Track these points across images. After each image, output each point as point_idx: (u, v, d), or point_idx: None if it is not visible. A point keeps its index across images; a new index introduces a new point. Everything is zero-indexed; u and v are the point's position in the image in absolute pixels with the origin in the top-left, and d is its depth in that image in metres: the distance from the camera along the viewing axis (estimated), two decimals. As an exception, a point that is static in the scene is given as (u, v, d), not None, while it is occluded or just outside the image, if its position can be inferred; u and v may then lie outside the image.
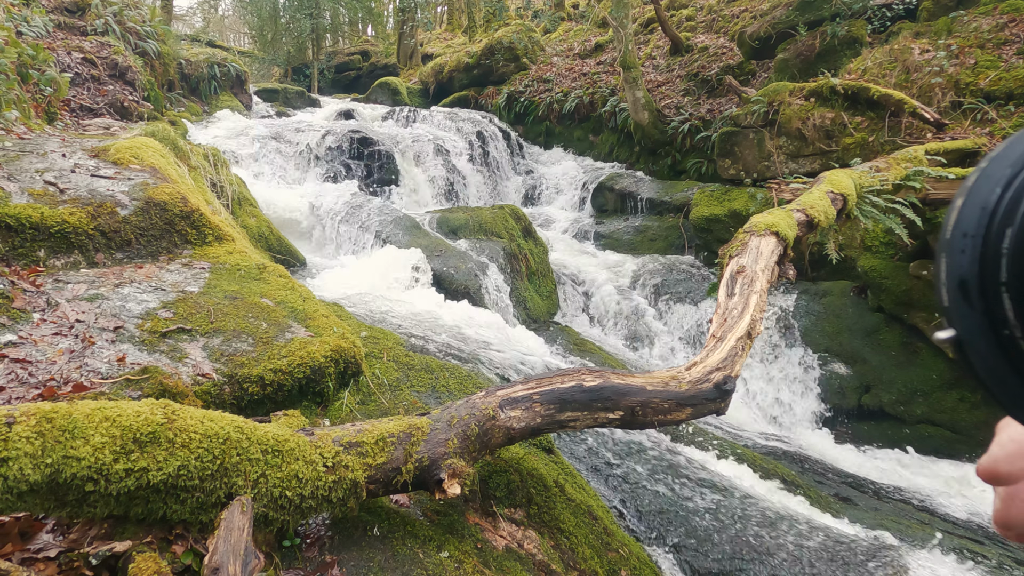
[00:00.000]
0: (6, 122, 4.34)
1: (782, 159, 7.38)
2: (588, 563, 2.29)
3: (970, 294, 0.29)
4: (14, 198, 2.98)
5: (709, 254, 7.67)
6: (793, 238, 3.38)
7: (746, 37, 9.74)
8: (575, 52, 13.70)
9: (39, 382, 2.00)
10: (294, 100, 13.09)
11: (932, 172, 4.71)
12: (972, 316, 0.29)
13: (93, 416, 1.48)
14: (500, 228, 7.01)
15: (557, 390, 2.18)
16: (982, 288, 0.28)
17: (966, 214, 0.29)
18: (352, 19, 25.55)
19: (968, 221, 0.29)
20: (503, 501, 2.32)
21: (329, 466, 1.77)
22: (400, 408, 2.67)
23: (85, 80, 7.03)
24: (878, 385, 5.55)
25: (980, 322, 0.28)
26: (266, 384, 2.35)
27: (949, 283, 0.30)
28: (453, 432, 1.98)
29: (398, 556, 1.84)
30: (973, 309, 0.29)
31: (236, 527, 1.53)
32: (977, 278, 0.28)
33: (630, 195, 9.40)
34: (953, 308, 0.30)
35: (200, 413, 1.65)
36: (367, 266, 5.81)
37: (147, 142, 4.14)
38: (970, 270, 0.29)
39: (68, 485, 1.41)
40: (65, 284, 2.70)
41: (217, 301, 2.77)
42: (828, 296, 6.33)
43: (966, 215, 0.29)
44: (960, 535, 3.66)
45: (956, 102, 6.46)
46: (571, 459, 3.24)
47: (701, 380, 2.41)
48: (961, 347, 0.30)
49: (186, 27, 26.72)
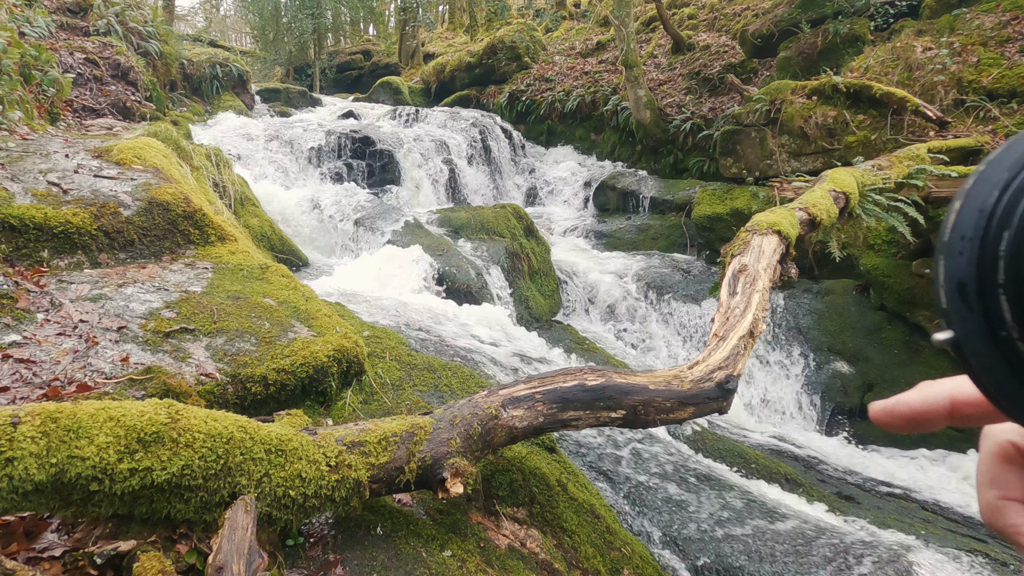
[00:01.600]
0: (9, 123, 4.35)
1: (784, 157, 7.37)
2: (591, 562, 2.30)
3: (968, 296, 0.29)
4: (18, 199, 2.99)
5: (711, 253, 7.67)
6: (795, 236, 3.38)
7: (748, 35, 9.73)
8: (577, 51, 13.69)
9: (43, 382, 2.00)
10: (296, 100, 13.10)
11: (935, 170, 4.70)
12: (970, 318, 0.29)
13: (97, 416, 1.48)
14: (502, 227, 7.01)
15: (559, 389, 2.18)
16: (980, 290, 0.29)
17: (964, 217, 0.30)
18: (354, 18, 25.56)
19: (966, 224, 0.29)
20: (506, 500, 2.33)
21: (332, 465, 1.78)
22: (403, 407, 2.68)
23: (88, 80, 7.05)
24: (881, 384, 5.54)
25: (978, 324, 0.29)
26: (269, 384, 2.35)
27: (947, 285, 0.30)
28: (456, 431, 1.99)
29: (401, 555, 1.85)
30: (971, 311, 0.29)
31: (240, 526, 1.53)
32: (975, 280, 0.29)
33: (632, 194, 9.39)
34: (951, 310, 0.30)
35: (204, 413, 1.66)
36: (369, 266, 5.81)
37: (150, 142, 4.15)
38: (968, 272, 0.29)
39: (73, 485, 1.42)
40: (69, 284, 2.71)
41: (220, 301, 2.78)
42: (830, 294, 6.32)
43: (964, 218, 0.30)
44: (963, 533, 3.65)
45: (959, 100, 6.44)
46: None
47: (703, 379, 2.41)
48: (959, 348, 0.30)
49: (188, 27, 26.75)
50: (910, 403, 0.39)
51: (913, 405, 0.38)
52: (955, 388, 0.37)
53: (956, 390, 0.37)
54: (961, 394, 0.37)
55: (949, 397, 0.37)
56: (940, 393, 0.38)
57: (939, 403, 0.38)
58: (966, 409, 0.37)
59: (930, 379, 0.40)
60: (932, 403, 0.38)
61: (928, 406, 0.38)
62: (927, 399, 0.38)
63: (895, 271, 5.64)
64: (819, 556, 2.90)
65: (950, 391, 0.38)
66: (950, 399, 0.37)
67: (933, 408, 0.38)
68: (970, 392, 0.36)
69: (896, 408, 0.39)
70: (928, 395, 0.38)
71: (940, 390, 0.38)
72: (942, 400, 0.38)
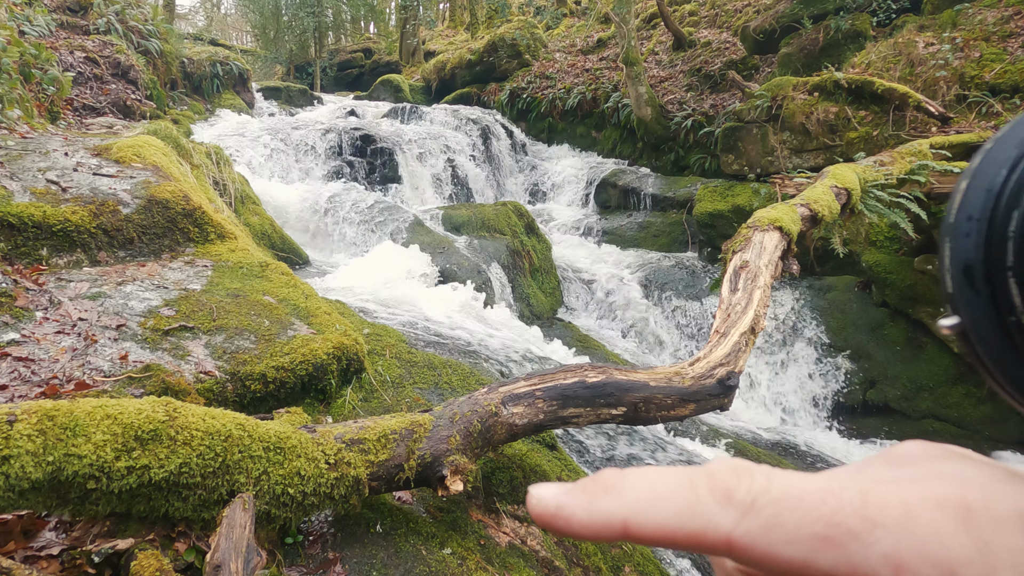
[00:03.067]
0: (9, 121, 4.35)
1: (786, 154, 7.35)
2: (592, 559, 2.29)
3: (975, 280, 0.28)
4: (17, 197, 2.98)
5: (712, 250, 7.65)
6: (797, 233, 3.36)
7: (750, 31, 9.69)
8: (577, 48, 13.66)
9: (42, 380, 2.00)
10: (297, 98, 13.08)
11: (937, 166, 4.68)
12: (977, 302, 0.28)
13: (95, 414, 1.48)
14: (503, 225, 7.00)
15: (560, 386, 2.17)
16: (987, 273, 0.27)
17: (971, 196, 0.28)
18: (354, 16, 25.53)
19: (973, 204, 0.28)
20: (506, 498, 2.32)
21: (331, 463, 1.77)
22: (402, 405, 2.67)
23: (88, 79, 7.04)
24: (883, 380, 5.52)
25: (986, 308, 0.27)
26: (268, 381, 2.35)
27: (953, 269, 0.28)
28: (455, 429, 1.98)
29: (401, 553, 1.84)
30: (978, 295, 0.28)
31: (238, 524, 1.53)
32: (982, 263, 0.27)
33: (633, 191, 9.37)
34: (958, 294, 0.28)
35: (202, 411, 1.65)
36: (370, 263, 5.80)
37: (149, 140, 4.14)
38: (975, 255, 0.28)
39: (70, 483, 1.41)
40: (68, 282, 2.70)
41: (219, 299, 2.77)
42: (833, 291, 6.30)
43: (971, 197, 0.28)
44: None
45: (961, 95, 6.41)
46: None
47: (704, 376, 2.40)
48: (966, 335, 0.29)
49: (188, 25, 26.72)
50: (572, 515, 0.26)
51: (576, 519, 0.26)
52: (637, 507, 0.25)
53: (637, 510, 0.25)
54: (644, 517, 0.25)
55: (623, 521, 0.25)
56: (612, 511, 0.25)
57: (609, 523, 0.25)
58: (646, 534, 0.25)
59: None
60: (598, 521, 0.25)
61: (592, 524, 0.26)
62: (593, 514, 0.25)
63: (897, 267, 5.62)
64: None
65: (627, 512, 0.25)
66: (624, 523, 0.25)
67: (597, 527, 0.26)
68: (658, 516, 0.25)
69: (558, 516, 0.26)
70: (597, 510, 0.26)
71: (614, 506, 0.25)
72: (614, 521, 0.25)
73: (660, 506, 0.25)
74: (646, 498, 0.25)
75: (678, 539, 0.24)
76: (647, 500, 0.25)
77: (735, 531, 0.23)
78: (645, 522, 0.24)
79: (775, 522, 0.23)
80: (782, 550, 0.23)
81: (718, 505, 0.24)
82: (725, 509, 0.24)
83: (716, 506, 0.24)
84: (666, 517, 0.24)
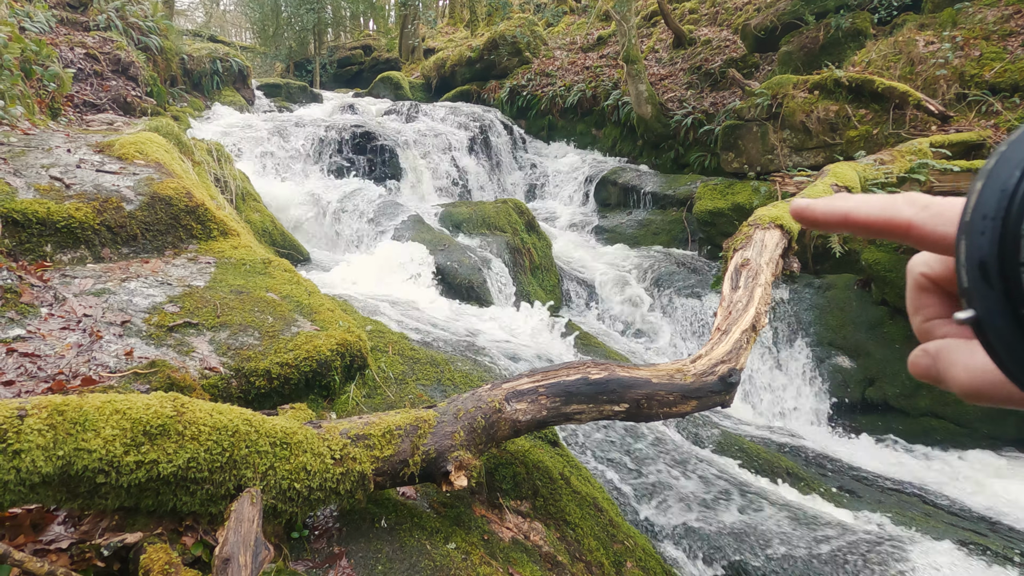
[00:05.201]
0: (11, 118, 4.35)
1: (786, 152, 7.36)
2: (594, 555, 2.31)
3: (989, 275, 0.30)
4: (20, 193, 2.99)
5: (713, 248, 7.66)
6: (797, 231, 3.38)
7: (750, 29, 9.70)
8: (578, 46, 13.65)
9: (48, 376, 2.01)
10: (296, 95, 13.07)
11: (937, 164, 4.69)
12: (991, 297, 0.30)
13: (104, 409, 1.49)
14: (503, 222, 7.01)
15: (563, 383, 2.19)
16: (1001, 269, 0.29)
17: (986, 196, 0.30)
18: (354, 13, 25.49)
19: (988, 203, 0.30)
20: (509, 493, 2.33)
21: (337, 458, 1.78)
22: (406, 401, 2.68)
23: (88, 76, 7.04)
24: (882, 378, 5.55)
25: (999, 302, 0.29)
26: (273, 378, 2.36)
27: (968, 264, 0.31)
28: (459, 425, 1.99)
29: (406, 548, 1.85)
30: (992, 290, 0.30)
31: (246, 518, 1.54)
32: (996, 260, 0.29)
33: (633, 189, 9.38)
34: (973, 289, 0.31)
35: (209, 406, 1.66)
36: (371, 261, 5.82)
37: (151, 137, 4.15)
38: (989, 252, 0.30)
39: (79, 477, 1.42)
40: (72, 279, 2.71)
41: (223, 295, 2.78)
42: (832, 289, 6.32)
43: (986, 197, 0.30)
44: (964, 527, 3.66)
45: (961, 94, 6.43)
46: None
47: (706, 373, 2.41)
48: (980, 327, 0.31)
49: (188, 22, 26.69)
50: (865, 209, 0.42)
51: (819, 209, 0.43)
52: (855, 204, 0.42)
53: (856, 206, 0.41)
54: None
55: (845, 212, 0.42)
56: (840, 207, 0.42)
57: (836, 213, 0.42)
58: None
59: None
60: (830, 211, 0.42)
61: (827, 213, 0.42)
62: (828, 207, 0.43)
63: (897, 266, 5.63)
64: (819, 548, 2.91)
65: (849, 208, 0.42)
66: (845, 213, 0.42)
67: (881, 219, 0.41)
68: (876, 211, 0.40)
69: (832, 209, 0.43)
70: (831, 205, 0.42)
71: (841, 205, 0.42)
72: (838, 212, 0.42)
73: (869, 205, 0.41)
74: (861, 201, 0.41)
75: (878, 223, 0.40)
76: (862, 202, 0.41)
77: (915, 217, 0.38)
78: (859, 214, 0.41)
79: (939, 211, 0.37)
80: (943, 229, 0.37)
81: (906, 205, 0.39)
82: (911, 206, 0.39)
83: (905, 205, 0.39)
84: (872, 210, 0.40)
